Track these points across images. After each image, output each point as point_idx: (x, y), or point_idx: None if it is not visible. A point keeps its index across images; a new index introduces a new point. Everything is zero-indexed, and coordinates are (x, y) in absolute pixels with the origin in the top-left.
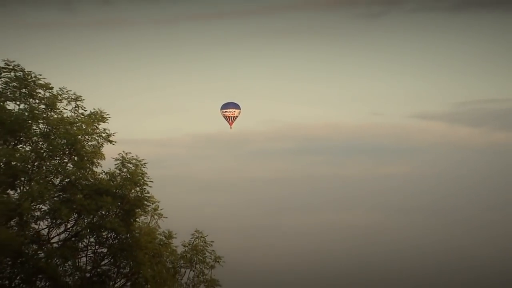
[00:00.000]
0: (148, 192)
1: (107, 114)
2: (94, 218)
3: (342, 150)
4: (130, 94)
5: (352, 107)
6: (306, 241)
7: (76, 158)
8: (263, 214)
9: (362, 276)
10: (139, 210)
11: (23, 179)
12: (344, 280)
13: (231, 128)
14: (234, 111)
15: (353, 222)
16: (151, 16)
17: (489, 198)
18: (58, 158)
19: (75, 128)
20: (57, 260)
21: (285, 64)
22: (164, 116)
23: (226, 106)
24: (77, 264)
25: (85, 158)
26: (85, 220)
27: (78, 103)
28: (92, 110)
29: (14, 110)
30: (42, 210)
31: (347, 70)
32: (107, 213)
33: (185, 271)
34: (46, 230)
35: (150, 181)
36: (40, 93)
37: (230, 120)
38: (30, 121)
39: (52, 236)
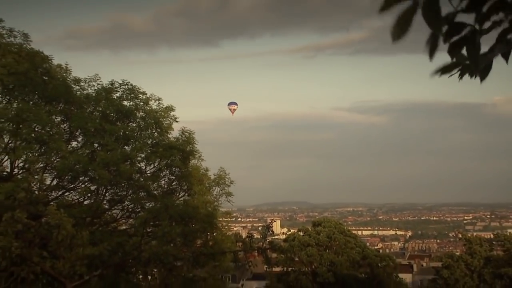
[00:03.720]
0: (195, 148)
1: (174, 107)
2: (168, 161)
3: (295, 126)
4: (186, 97)
5: (300, 104)
6: (277, 173)
7: (158, 130)
8: (254, 158)
9: (305, 189)
10: (191, 157)
11: (132, 140)
12: (295, 193)
13: (232, 115)
14: (234, 106)
15: (301, 164)
16: (198, 56)
17: (368, 150)
18: (149, 130)
19: (158, 114)
20: (149, 182)
21: (264, 83)
22: (203, 109)
23: (230, 103)
24: (159, 184)
25: (163, 129)
26: (163, 162)
27: (159, 101)
28: (167, 105)
29: (127, 105)
30: (141, 156)
31: (297, 86)
32: (175, 158)
33: (215, 188)
34: (144, 166)
35: (196, 142)
36: (140, 96)
37: (232, 111)
38: (135, 111)
39: (146, 170)
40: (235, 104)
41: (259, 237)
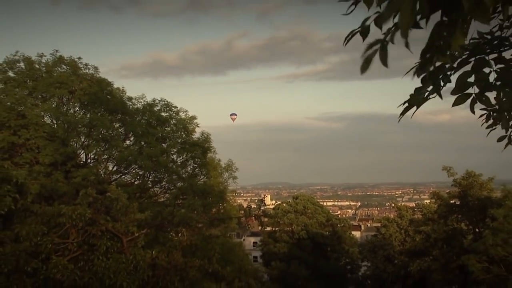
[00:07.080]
0: (211, 145)
1: (196, 116)
2: (192, 154)
3: (279, 130)
4: (204, 109)
5: (282, 114)
6: (268, 162)
7: (186, 132)
8: (251, 152)
9: (287, 173)
10: (208, 151)
11: (167, 140)
12: (281, 176)
13: (233, 122)
14: (234, 116)
15: (284, 156)
16: (211, 82)
17: (330, 146)
18: (179, 132)
19: (185, 121)
20: (179, 169)
21: (257, 100)
22: (216, 118)
23: (231, 114)
24: (186, 170)
25: (189, 132)
26: (189, 155)
27: (186, 112)
28: (191, 115)
29: (164, 115)
30: (174, 151)
31: (280, 102)
32: (197, 152)
33: (225, 173)
34: (176, 158)
35: (212, 141)
36: (173, 109)
37: (233, 119)
38: (169, 119)
39: (177, 160)
40: (235, 114)
41: (255, 207)
